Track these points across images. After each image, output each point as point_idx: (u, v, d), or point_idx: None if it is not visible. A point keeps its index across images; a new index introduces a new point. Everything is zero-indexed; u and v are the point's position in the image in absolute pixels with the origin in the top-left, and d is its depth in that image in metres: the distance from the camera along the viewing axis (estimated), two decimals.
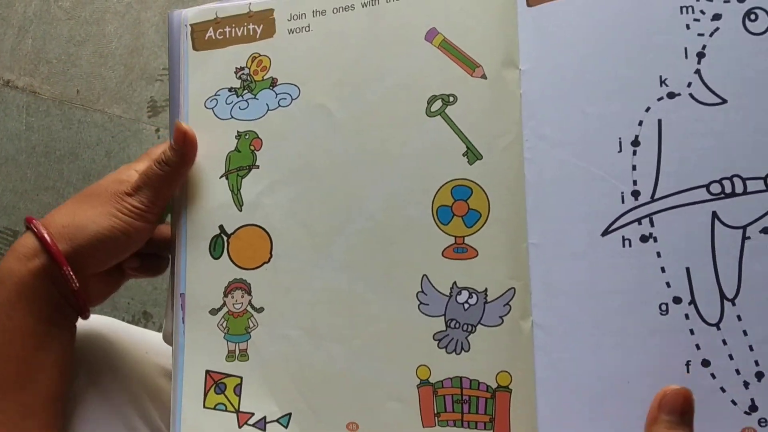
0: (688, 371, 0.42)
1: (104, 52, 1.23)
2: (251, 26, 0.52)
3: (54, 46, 1.25)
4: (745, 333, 0.41)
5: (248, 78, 0.51)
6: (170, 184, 0.50)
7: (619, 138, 0.43)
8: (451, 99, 0.47)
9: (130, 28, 1.22)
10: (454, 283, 0.45)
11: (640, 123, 0.43)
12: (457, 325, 0.45)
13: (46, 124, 1.20)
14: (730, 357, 0.41)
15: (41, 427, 0.48)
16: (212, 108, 0.51)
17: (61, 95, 1.23)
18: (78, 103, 1.23)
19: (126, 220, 0.49)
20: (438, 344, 0.45)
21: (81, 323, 0.54)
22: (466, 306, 0.45)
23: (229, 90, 0.51)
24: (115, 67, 1.22)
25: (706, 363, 0.41)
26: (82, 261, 0.49)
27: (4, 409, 0.47)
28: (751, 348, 0.41)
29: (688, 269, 0.42)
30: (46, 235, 0.48)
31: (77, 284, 0.49)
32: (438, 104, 0.47)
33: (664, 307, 0.42)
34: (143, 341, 0.59)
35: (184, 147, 0.50)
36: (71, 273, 0.48)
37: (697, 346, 0.42)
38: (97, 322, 0.59)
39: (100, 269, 0.51)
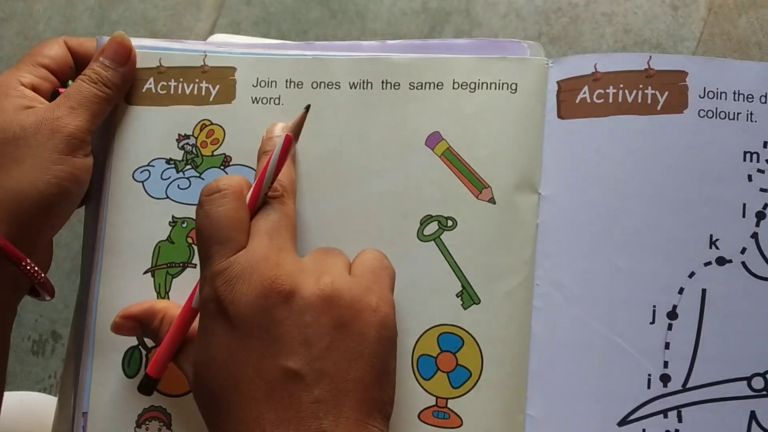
0: None
1: (30, 34, 1.08)
2: (204, 84, 0.41)
3: None
4: None
5: (194, 150, 0.40)
6: (109, 105, 0.40)
7: (653, 306, 0.35)
8: (450, 223, 0.37)
9: (61, 10, 1.07)
10: None
11: (681, 291, 0.35)
12: None
13: None
14: None
15: None
16: (143, 181, 0.41)
17: None
18: None
19: (71, 162, 0.37)
20: None
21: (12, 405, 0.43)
22: None
23: (167, 162, 0.41)
24: None
25: None
26: (31, 239, 0.37)
27: None
28: None
29: None
30: None
31: (43, 276, 0.37)
32: (433, 227, 0.37)
33: None
34: None
35: (127, 65, 0.40)
36: (34, 267, 0.36)
37: None
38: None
39: (55, 233, 0.39)
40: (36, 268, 0.36)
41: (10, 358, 0.43)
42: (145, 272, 0.40)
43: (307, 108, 0.35)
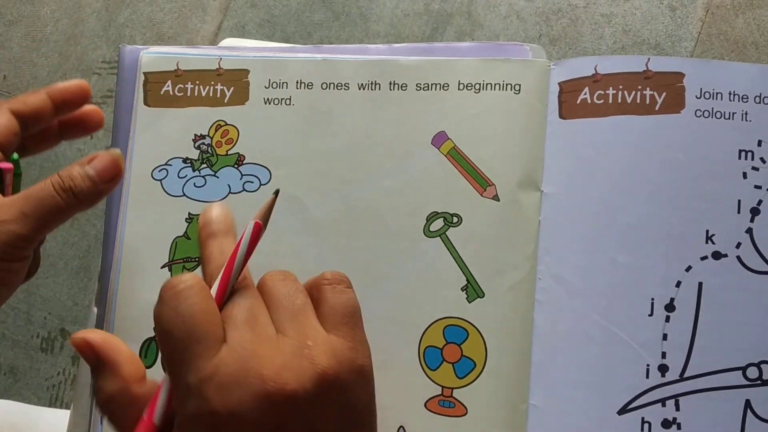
0: None
1: (37, 36, 1.10)
2: (220, 87, 0.42)
3: None
4: None
5: (209, 150, 0.42)
6: (66, 216, 0.36)
7: (652, 299, 0.37)
8: (455, 220, 0.39)
9: (68, 12, 1.09)
10: None
11: (678, 284, 0.37)
12: None
13: None
14: None
15: None
16: (161, 180, 0.42)
17: None
18: (4, 90, 1.10)
19: (3, 266, 0.35)
20: None
21: None
22: None
23: (184, 161, 0.42)
24: (49, 54, 1.09)
25: None
26: None
27: None
28: None
29: None
30: None
31: None
32: (439, 223, 0.39)
33: None
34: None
35: (109, 184, 0.37)
36: None
37: None
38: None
39: None
40: None
41: (20, 355, 0.43)
42: (163, 267, 0.41)
43: (276, 193, 0.33)
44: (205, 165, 0.42)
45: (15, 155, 0.39)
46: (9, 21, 1.11)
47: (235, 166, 0.42)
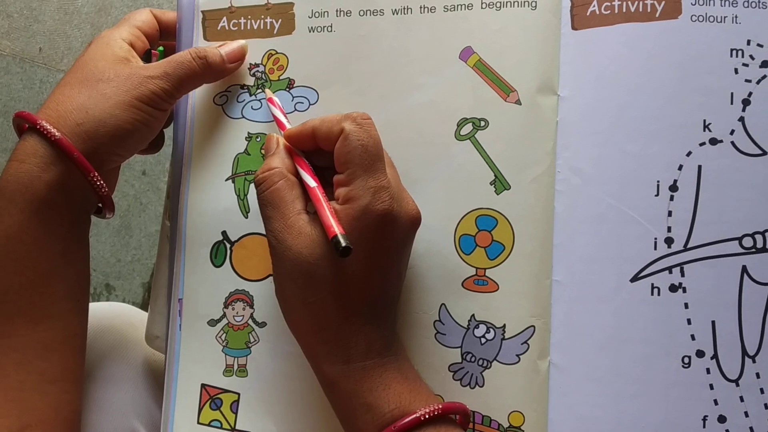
0: (704, 426, 0.41)
1: (69, 9, 1.15)
2: (269, 20, 0.48)
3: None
4: (762, 391, 0.41)
5: (263, 76, 0.48)
6: (199, 81, 0.46)
7: (657, 181, 0.42)
8: (482, 123, 0.44)
9: None
10: (473, 315, 0.43)
11: (680, 167, 0.42)
12: (473, 359, 0.43)
13: (5, 82, 1.12)
14: (746, 414, 0.41)
15: (62, 366, 0.43)
16: (222, 105, 0.48)
17: (23, 52, 1.15)
18: (40, 62, 1.16)
19: (147, 110, 0.43)
20: (453, 376, 0.43)
21: (96, 314, 0.50)
22: (483, 340, 0.43)
23: (242, 87, 0.48)
24: (81, 25, 1.15)
25: (722, 419, 0.41)
26: (100, 160, 0.43)
27: (20, 346, 0.41)
28: (766, 406, 0.41)
29: (713, 323, 0.41)
30: (65, 141, 0.41)
31: (106, 189, 0.43)
32: (468, 128, 0.44)
33: (686, 360, 0.41)
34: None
35: (233, 65, 0.47)
36: (100, 180, 0.43)
37: (715, 402, 0.41)
38: (111, 311, 0.55)
39: (118, 164, 0.46)
40: (101, 182, 0.43)
41: None
42: (227, 179, 0.47)
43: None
44: (260, 90, 0.47)
45: (161, 48, 0.49)
46: None
47: (287, 89, 0.47)
